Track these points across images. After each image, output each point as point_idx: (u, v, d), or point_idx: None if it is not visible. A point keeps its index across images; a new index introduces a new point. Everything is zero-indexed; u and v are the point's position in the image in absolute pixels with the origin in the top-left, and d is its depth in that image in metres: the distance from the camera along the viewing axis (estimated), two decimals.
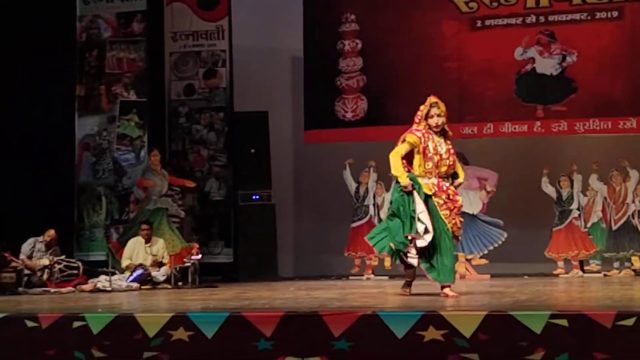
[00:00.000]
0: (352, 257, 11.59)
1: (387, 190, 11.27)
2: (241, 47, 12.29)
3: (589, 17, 11.01)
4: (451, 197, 7.12)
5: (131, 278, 9.98)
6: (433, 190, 7.05)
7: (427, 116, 7.22)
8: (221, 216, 11.97)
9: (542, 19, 11.15)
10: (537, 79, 11.11)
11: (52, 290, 9.55)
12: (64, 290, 9.57)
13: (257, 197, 11.75)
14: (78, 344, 5.72)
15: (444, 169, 7.14)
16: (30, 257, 10.10)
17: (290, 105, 12.56)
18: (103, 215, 11.73)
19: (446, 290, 7.00)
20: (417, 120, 7.27)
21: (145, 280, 10.04)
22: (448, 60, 11.39)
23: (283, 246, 12.03)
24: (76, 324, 5.76)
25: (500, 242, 11.03)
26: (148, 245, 10.47)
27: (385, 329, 5.25)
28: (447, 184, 7.15)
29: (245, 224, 11.71)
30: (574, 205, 10.92)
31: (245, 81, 12.25)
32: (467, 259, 11.11)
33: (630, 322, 4.96)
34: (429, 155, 7.07)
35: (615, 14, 10.94)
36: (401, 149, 7.15)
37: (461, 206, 7.21)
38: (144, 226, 10.53)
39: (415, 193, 7.01)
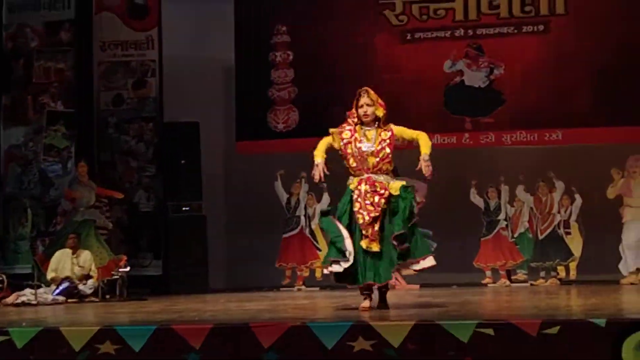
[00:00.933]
0: (284, 268, 11.57)
1: (319, 201, 11.30)
2: (172, 57, 12.18)
3: (515, 31, 11.22)
4: (377, 189, 6.67)
5: (57, 291, 9.80)
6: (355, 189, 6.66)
7: (357, 107, 6.86)
8: (151, 228, 11.83)
9: (470, 32, 11.33)
10: (466, 92, 11.27)
11: None
12: None
13: (188, 208, 11.66)
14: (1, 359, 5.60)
15: (372, 161, 6.73)
16: None
17: (222, 116, 12.51)
18: (29, 227, 11.50)
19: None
20: (349, 115, 6.91)
21: (72, 293, 9.86)
22: (379, 72, 11.47)
23: (214, 258, 11.94)
24: None
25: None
26: (74, 256, 10.30)
27: (314, 339, 5.25)
28: (382, 179, 6.76)
29: (176, 236, 11.60)
30: (502, 216, 11.08)
31: (175, 91, 12.15)
32: (396, 269, 11.16)
33: (554, 330, 5.05)
34: (350, 152, 6.72)
35: (541, 27, 11.17)
36: (322, 140, 6.90)
37: (382, 199, 6.68)
38: (71, 235, 10.36)
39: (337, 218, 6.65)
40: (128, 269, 10.20)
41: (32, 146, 11.80)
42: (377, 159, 6.75)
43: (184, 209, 11.64)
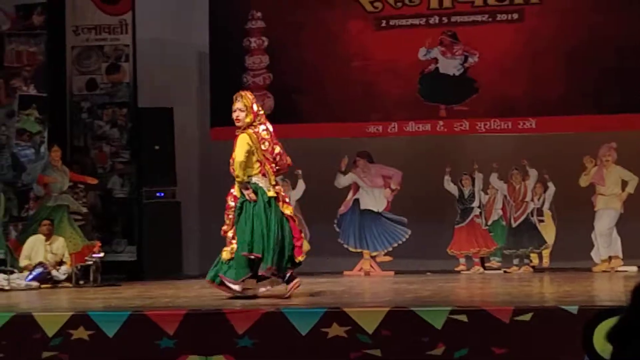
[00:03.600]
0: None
1: (294, 188, 11.29)
2: (146, 41, 12.09)
3: (490, 19, 11.24)
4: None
5: (31, 277, 9.74)
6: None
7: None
8: (124, 214, 11.77)
9: (445, 19, 11.33)
10: (440, 79, 11.27)
11: None
12: None
13: (162, 194, 11.61)
14: None
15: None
16: None
17: (196, 101, 12.45)
18: (1, 212, 11.34)
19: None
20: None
21: (46, 279, 9.81)
22: (353, 59, 11.46)
23: (188, 244, 11.91)
24: None
25: (404, 240, 11.17)
26: (48, 242, 10.23)
27: (289, 325, 5.27)
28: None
29: (150, 222, 11.55)
30: (475, 203, 11.13)
31: (149, 77, 12.08)
32: (371, 256, 11.21)
33: (527, 317, 5.10)
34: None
35: (515, 16, 11.20)
36: None
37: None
38: (45, 222, 10.30)
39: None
40: (102, 254, 10.15)
41: (4, 130, 11.69)
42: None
43: (158, 194, 11.60)
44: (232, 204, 7.05)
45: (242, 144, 6.99)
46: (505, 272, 10.85)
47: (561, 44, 10.99)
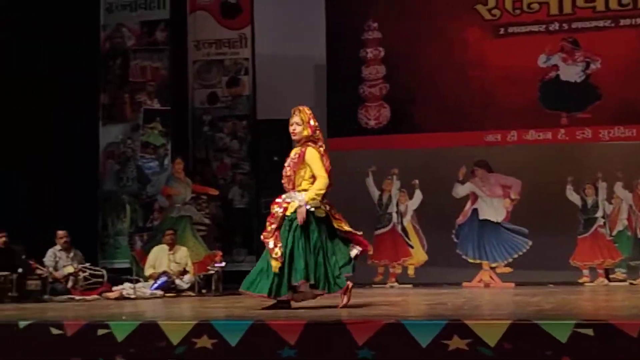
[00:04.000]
0: (376, 265, 11.57)
1: (411, 198, 11.25)
2: (264, 55, 12.32)
3: (612, 24, 10.96)
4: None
5: (155, 286, 10.00)
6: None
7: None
8: (244, 224, 11.99)
9: (565, 26, 11.11)
10: (561, 86, 11.06)
11: (77, 297, 9.58)
12: (88, 297, 9.59)
13: None
14: (102, 352, 5.72)
15: (284, 182, 7.08)
16: (55, 268, 10.11)
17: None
18: (127, 223, 11.78)
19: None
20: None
21: (169, 287, 10.06)
22: (471, 67, 11.37)
23: None
24: (101, 331, 5.77)
25: (524, 250, 10.98)
26: (171, 252, 10.50)
27: (409, 337, 5.22)
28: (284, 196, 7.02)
29: None
30: (599, 213, 10.85)
31: (268, 89, 12.28)
32: (491, 267, 11.07)
33: None
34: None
35: (639, 21, 10.88)
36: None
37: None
38: (169, 232, 10.58)
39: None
40: (223, 264, 10.34)
41: (129, 143, 12.08)
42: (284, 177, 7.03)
43: None
44: (279, 210, 7.04)
45: (316, 159, 6.98)
46: (631, 284, 10.53)
47: None
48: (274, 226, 6.95)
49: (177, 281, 10.21)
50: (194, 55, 12.37)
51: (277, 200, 7.03)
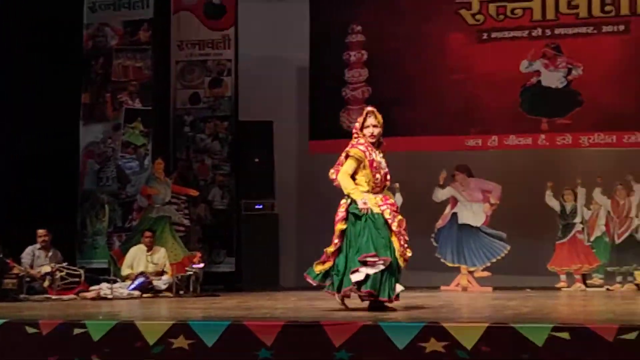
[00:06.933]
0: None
1: None
2: (247, 56, 12.30)
3: (595, 31, 11.01)
4: (396, 209, 6.86)
5: (133, 286, 9.96)
6: (380, 206, 6.79)
7: (362, 127, 6.98)
8: (224, 225, 11.95)
9: (548, 32, 11.16)
10: (543, 92, 11.11)
11: (54, 297, 9.52)
12: (65, 297, 9.54)
13: (261, 206, 11.75)
14: (78, 351, 5.70)
15: (387, 182, 6.94)
16: (32, 266, 10.06)
17: (295, 115, 12.56)
18: (106, 222, 11.72)
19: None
20: (355, 133, 7.00)
21: (147, 288, 10.02)
22: (454, 72, 11.39)
23: (285, 256, 12.00)
24: (77, 330, 5.75)
25: (503, 255, 11.01)
26: (149, 253, 10.47)
27: (386, 339, 5.23)
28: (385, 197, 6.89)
29: (248, 234, 11.70)
30: (578, 219, 10.89)
31: (250, 90, 12.26)
32: (469, 271, 11.09)
33: (632, 336, 4.94)
34: (376, 167, 6.85)
35: (621, 27, 10.94)
36: (349, 167, 6.85)
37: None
38: (147, 233, 10.55)
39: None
40: (202, 265, 10.32)
41: (110, 143, 12.02)
42: (387, 180, 7.00)
43: (257, 207, 11.74)
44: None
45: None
46: (608, 289, 10.58)
47: None
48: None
49: (155, 282, 10.18)
50: (177, 55, 12.33)
51: (388, 201, 6.88)
